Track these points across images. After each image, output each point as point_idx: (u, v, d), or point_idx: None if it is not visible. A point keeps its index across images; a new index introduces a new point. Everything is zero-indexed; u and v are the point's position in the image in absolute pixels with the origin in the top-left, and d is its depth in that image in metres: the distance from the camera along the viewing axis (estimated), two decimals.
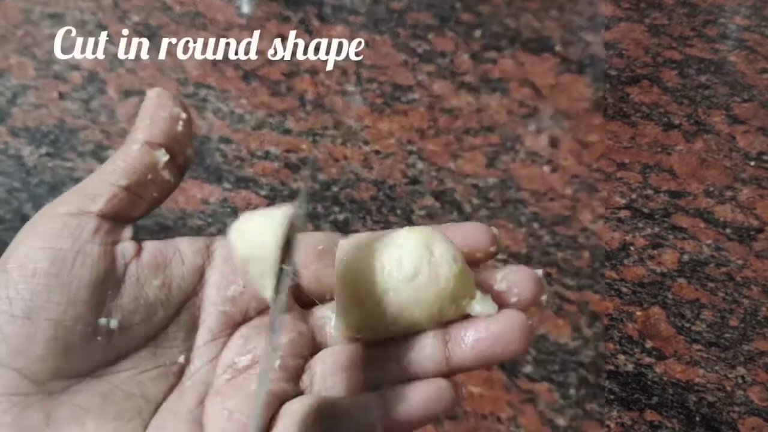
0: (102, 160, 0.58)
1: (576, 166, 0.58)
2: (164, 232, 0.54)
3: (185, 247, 0.28)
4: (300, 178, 0.56)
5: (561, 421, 0.46)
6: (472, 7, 0.69)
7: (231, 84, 0.63)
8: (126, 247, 0.27)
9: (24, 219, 0.57)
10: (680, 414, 0.46)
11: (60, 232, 0.25)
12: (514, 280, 0.27)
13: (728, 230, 0.54)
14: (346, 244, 0.28)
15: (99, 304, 0.25)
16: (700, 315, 0.50)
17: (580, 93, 0.63)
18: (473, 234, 0.28)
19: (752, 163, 0.58)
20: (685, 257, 0.53)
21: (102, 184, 0.27)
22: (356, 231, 0.54)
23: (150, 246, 0.27)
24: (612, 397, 0.47)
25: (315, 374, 0.27)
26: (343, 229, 0.54)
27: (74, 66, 0.64)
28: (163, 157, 0.27)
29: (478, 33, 0.67)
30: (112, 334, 0.26)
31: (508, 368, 0.48)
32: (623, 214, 0.55)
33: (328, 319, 0.29)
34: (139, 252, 0.27)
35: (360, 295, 0.27)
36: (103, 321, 0.25)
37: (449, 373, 0.27)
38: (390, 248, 0.27)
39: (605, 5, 0.70)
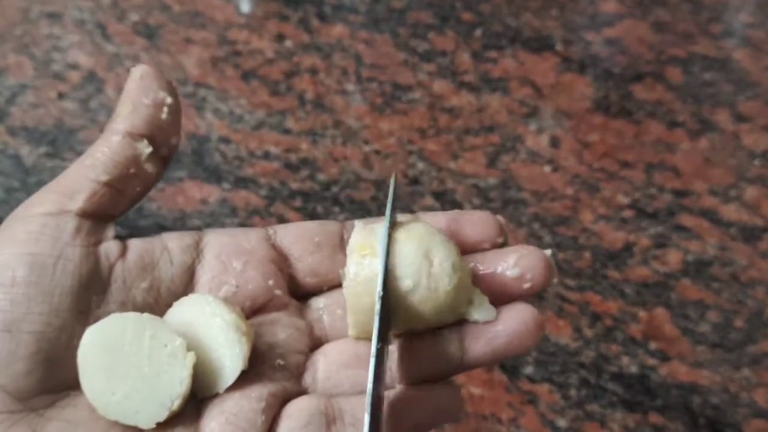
0: None
1: (577, 166, 0.57)
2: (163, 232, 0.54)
3: (173, 245, 0.26)
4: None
5: (562, 422, 0.45)
6: (473, 6, 0.68)
7: (230, 83, 0.62)
8: (109, 247, 0.25)
9: None
10: (684, 416, 0.45)
11: (38, 235, 0.24)
12: (526, 265, 0.26)
13: (733, 230, 0.54)
14: (359, 236, 0.26)
15: (84, 311, 0.24)
16: (704, 316, 0.50)
17: (581, 92, 0.62)
18: (480, 226, 0.27)
19: (757, 162, 0.58)
20: (690, 257, 0.52)
21: (81, 179, 0.25)
22: None
23: (135, 245, 0.26)
24: (615, 399, 0.46)
25: (318, 371, 0.26)
26: None
27: (73, 65, 0.64)
28: (146, 149, 0.26)
29: (478, 32, 0.67)
30: None
31: (509, 369, 0.47)
32: (627, 213, 0.55)
33: (325, 311, 0.28)
34: (124, 252, 0.25)
35: (361, 298, 0.26)
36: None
37: (462, 368, 0.26)
38: (389, 255, 0.25)
39: (609, 2, 0.69)
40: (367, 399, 0.23)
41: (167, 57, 0.64)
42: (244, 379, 0.25)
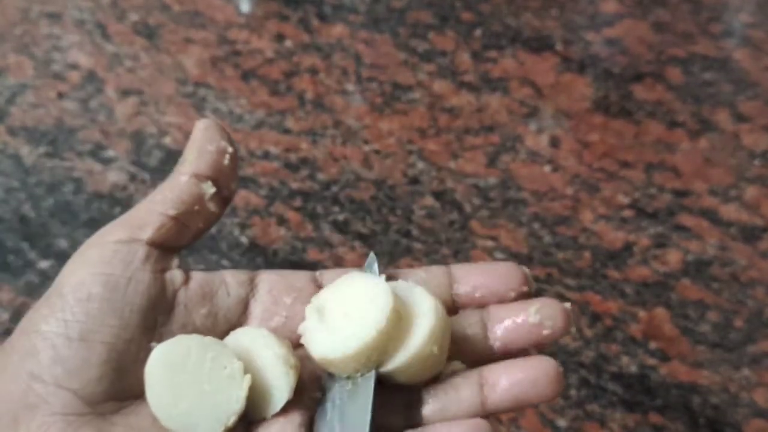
0: (101, 159, 0.58)
1: (577, 165, 0.57)
2: None
3: (231, 280, 0.29)
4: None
5: (562, 422, 0.45)
6: (473, 6, 0.68)
7: (230, 83, 0.62)
8: (174, 274, 0.28)
9: (22, 219, 0.57)
10: (684, 416, 0.45)
11: (111, 259, 0.27)
12: (547, 313, 0.29)
13: (733, 230, 0.54)
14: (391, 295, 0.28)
15: (150, 328, 0.27)
16: (704, 316, 0.50)
17: (581, 92, 0.62)
18: (507, 277, 0.30)
19: (757, 162, 0.58)
20: (690, 257, 0.52)
21: (151, 213, 0.28)
22: (356, 231, 0.54)
23: (197, 276, 0.29)
24: (615, 398, 0.46)
25: None
26: (343, 229, 0.54)
27: (73, 65, 0.64)
28: (210, 189, 0.28)
29: (478, 32, 0.67)
30: None
31: None
32: (627, 213, 0.55)
33: None
34: (186, 281, 0.28)
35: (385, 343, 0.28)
36: (154, 345, 0.26)
37: (483, 415, 0.28)
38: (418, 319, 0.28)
39: (609, 2, 0.69)
40: None
41: (167, 57, 0.64)
42: (288, 407, 0.27)
